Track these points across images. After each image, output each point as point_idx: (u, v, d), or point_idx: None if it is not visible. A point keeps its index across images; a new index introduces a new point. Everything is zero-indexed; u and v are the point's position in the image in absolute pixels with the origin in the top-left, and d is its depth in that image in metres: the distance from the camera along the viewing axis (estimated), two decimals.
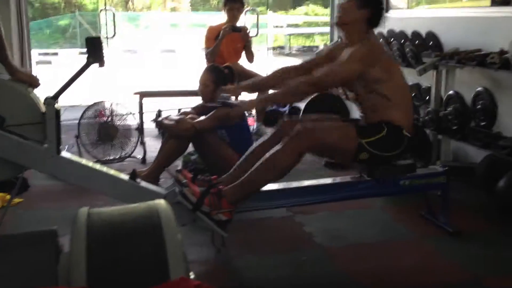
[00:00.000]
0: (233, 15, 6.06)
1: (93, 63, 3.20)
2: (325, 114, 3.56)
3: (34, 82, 3.29)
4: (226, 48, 6.06)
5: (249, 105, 3.57)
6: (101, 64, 3.23)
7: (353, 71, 3.14)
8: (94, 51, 3.19)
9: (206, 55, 6.00)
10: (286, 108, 7.15)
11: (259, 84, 3.81)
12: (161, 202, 1.71)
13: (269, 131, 6.04)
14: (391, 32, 5.60)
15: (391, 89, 3.19)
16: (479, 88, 4.25)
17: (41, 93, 3.24)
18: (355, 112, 6.63)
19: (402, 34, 5.35)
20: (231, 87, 3.75)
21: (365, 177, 3.41)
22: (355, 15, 3.26)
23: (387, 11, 6.26)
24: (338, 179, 3.69)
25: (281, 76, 3.52)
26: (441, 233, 3.54)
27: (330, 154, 3.33)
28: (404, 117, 3.23)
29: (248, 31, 6.12)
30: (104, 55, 3.24)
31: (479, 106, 4.21)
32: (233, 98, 4.35)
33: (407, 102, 3.36)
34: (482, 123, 4.20)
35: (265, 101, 3.53)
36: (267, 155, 3.08)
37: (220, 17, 6.76)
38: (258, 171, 3.08)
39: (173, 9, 27.99)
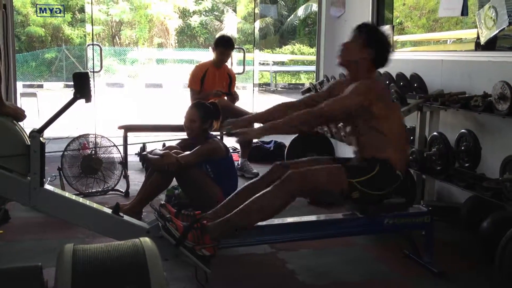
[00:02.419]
0: (223, 59, 6.18)
1: (80, 98, 3.19)
2: (315, 155, 3.58)
3: (19, 116, 3.29)
4: (212, 86, 6.12)
5: (253, 132, 3.43)
6: (88, 99, 3.23)
7: (357, 103, 3.18)
8: (81, 86, 3.19)
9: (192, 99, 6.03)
10: (271, 145, 7.18)
11: (261, 117, 3.71)
12: (146, 240, 1.69)
13: (253, 168, 6.07)
14: (376, 73, 5.66)
15: (390, 127, 3.25)
16: (463, 130, 4.29)
17: (26, 124, 3.23)
18: (340, 150, 6.69)
19: (387, 75, 5.41)
20: (235, 120, 3.59)
21: (358, 214, 3.43)
22: (359, 54, 3.33)
23: None
24: (322, 217, 3.68)
25: (283, 109, 3.55)
26: (425, 273, 3.53)
27: (321, 196, 3.35)
28: (398, 156, 3.28)
29: (237, 96, 6.28)
30: (91, 90, 3.24)
31: (463, 148, 4.24)
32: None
33: (403, 142, 3.42)
34: (466, 164, 4.23)
35: (268, 129, 3.41)
36: (257, 195, 3.09)
37: (206, 54, 6.84)
38: (245, 211, 3.08)
39: (160, 45, 28.19)
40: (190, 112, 4.33)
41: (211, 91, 5.98)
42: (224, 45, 6.15)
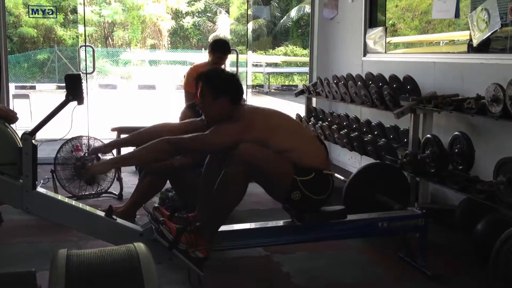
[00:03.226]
0: (219, 63, 6.15)
1: (72, 100, 3.17)
2: None
3: (11, 118, 3.27)
4: None
5: (99, 166, 3.24)
6: (80, 102, 3.20)
7: (220, 144, 3.14)
8: (74, 88, 3.16)
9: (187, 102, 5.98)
10: None
11: (128, 141, 3.59)
12: (140, 245, 1.68)
13: None
14: (369, 75, 5.67)
15: (284, 140, 3.19)
16: (457, 132, 4.29)
17: (19, 126, 3.21)
18: (334, 152, 6.68)
19: (380, 78, 5.41)
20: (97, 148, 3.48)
21: (296, 222, 3.36)
22: (219, 109, 3.23)
23: (365, 55, 6.37)
24: None
25: (151, 133, 3.42)
26: (419, 276, 3.53)
27: (266, 182, 3.26)
28: (316, 156, 3.24)
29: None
30: (83, 92, 3.21)
31: (456, 150, 4.25)
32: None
33: (310, 141, 3.35)
34: (460, 167, 4.23)
35: (118, 162, 3.38)
36: (218, 181, 3.07)
37: (198, 55, 6.81)
38: (216, 200, 3.09)
39: (153, 46, 28.14)
40: (185, 113, 4.32)
41: None
42: (221, 50, 6.12)
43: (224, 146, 3.13)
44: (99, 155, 3.40)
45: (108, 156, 4.03)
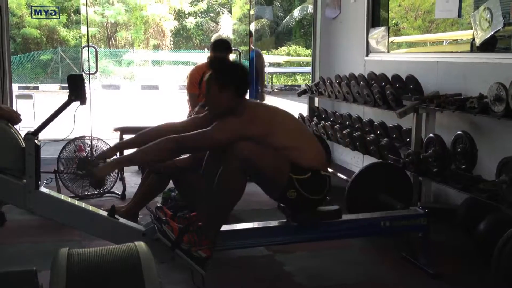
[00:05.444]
0: None
1: (74, 101, 3.18)
2: None
3: (14, 118, 3.28)
4: None
5: (103, 169, 3.21)
6: (83, 102, 3.21)
7: (224, 140, 3.06)
8: (76, 89, 3.17)
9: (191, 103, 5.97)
10: None
11: (130, 143, 3.54)
12: (141, 243, 1.68)
13: None
14: (372, 75, 5.67)
15: (284, 138, 3.16)
16: (459, 132, 4.29)
17: (23, 126, 3.22)
18: (337, 152, 6.68)
19: (382, 77, 5.41)
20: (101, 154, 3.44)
21: (290, 221, 3.36)
22: (223, 101, 3.21)
23: (367, 54, 6.37)
24: None
25: (154, 134, 3.36)
26: (422, 275, 3.53)
27: (262, 179, 3.23)
28: (314, 156, 3.22)
29: None
30: (86, 93, 3.22)
31: (459, 149, 4.24)
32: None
33: (309, 141, 3.32)
34: (463, 166, 4.23)
35: (121, 163, 3.36)
36: (216, 180, 3.06)
37: (201, 56, 6.80)
38: (215, 199, 3.09)
39: (156, 47, 28.16)
40: (200, 113, 4.32)
41: None
42: (221, 50, 6.10)
43: (228, 141, 3.06)
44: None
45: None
